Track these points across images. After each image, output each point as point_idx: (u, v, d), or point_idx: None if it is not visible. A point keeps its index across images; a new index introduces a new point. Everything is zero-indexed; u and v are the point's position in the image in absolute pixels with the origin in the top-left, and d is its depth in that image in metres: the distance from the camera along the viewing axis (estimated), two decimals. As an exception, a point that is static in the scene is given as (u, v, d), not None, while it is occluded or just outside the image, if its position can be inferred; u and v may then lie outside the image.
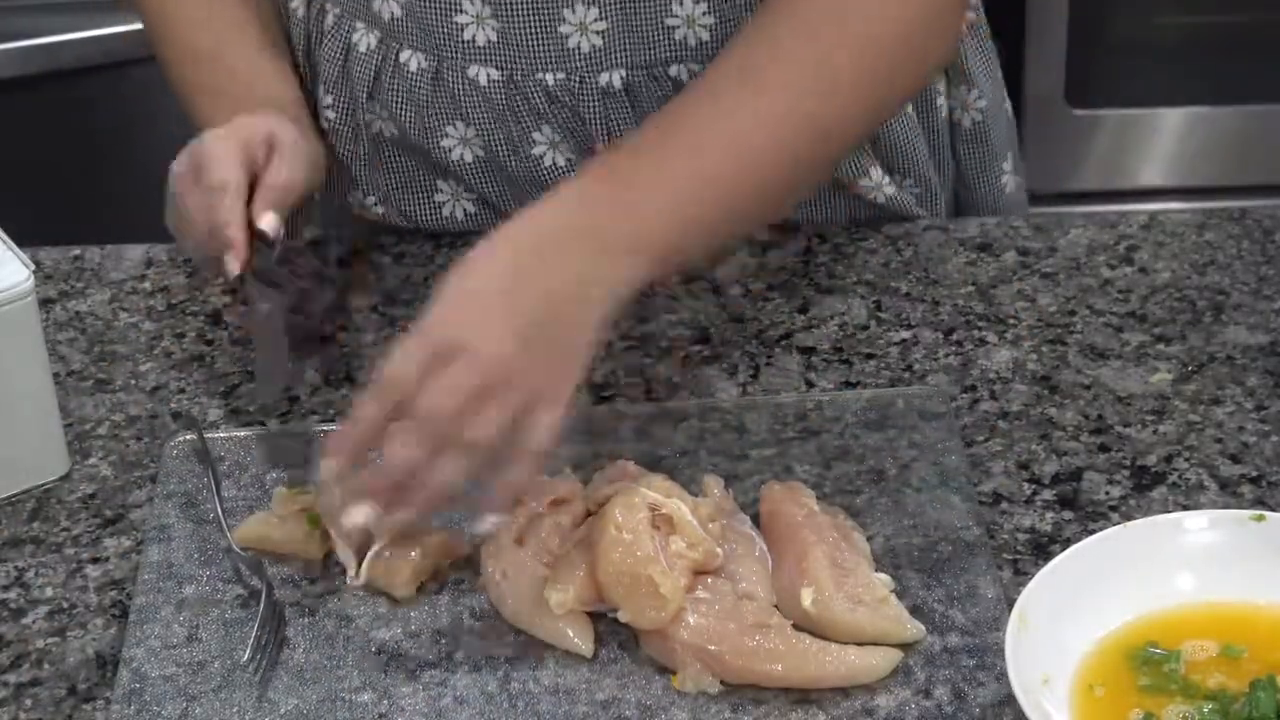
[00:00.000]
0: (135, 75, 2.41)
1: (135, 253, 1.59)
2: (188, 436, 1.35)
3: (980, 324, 1.46)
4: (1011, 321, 1.46)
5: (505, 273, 1.18)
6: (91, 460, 1.36)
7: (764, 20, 1.31)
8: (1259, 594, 1.15)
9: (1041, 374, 1.40)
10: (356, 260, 1.54)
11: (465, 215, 1.55)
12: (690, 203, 1.24)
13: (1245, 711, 1.07)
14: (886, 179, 1.53)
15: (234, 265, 1.32)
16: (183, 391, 1.42)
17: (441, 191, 1.55)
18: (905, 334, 1.45)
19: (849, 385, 1.39)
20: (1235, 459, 1.32)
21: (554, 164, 1.48)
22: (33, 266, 1.30)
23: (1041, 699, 1.07)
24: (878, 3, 1.30)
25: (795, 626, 1.17)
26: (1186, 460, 1.32)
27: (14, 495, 1.33)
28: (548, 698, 1.15)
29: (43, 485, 1.34)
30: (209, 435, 1.35)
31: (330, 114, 1.53)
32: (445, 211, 1.55)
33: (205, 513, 1.29)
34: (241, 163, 1.35)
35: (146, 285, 1.55)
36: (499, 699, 1.15)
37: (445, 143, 1.49)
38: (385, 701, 1.15)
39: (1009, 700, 1.08)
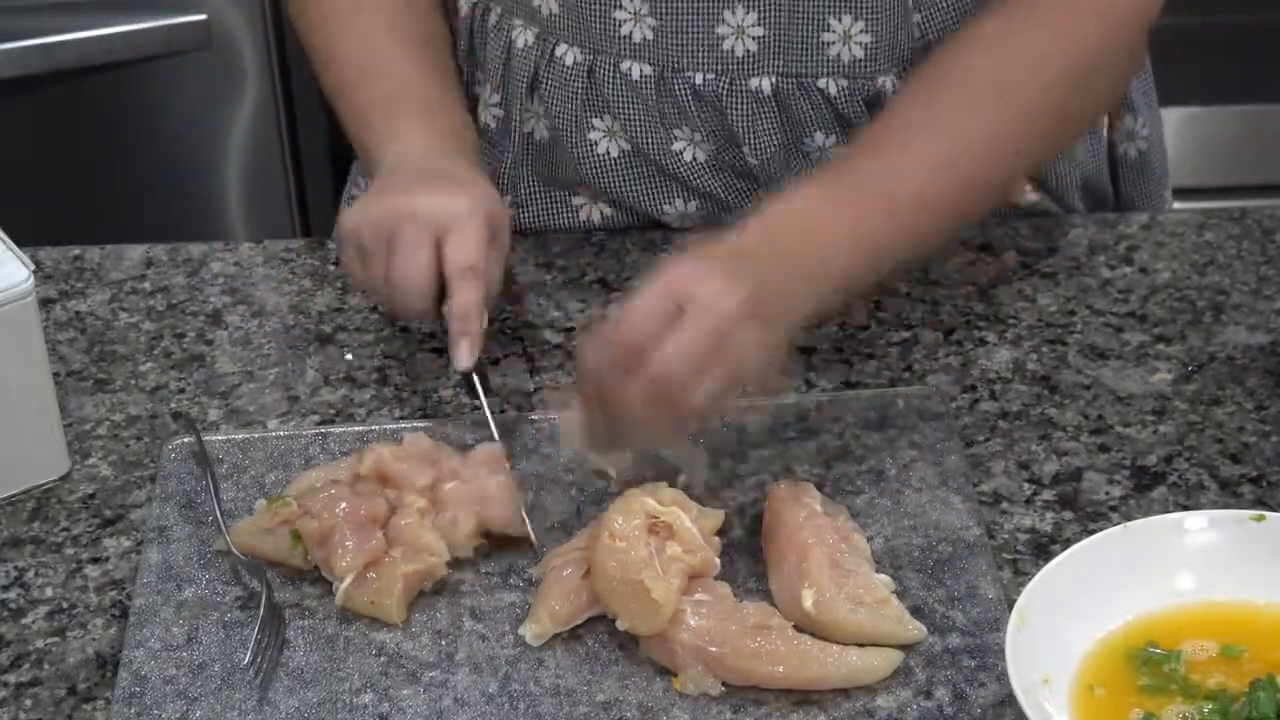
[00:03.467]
0: (136, 75, 2.41)
1: (135, 253, 1.59)
2: (186, 439, 1.35)
3: (980, 324, 1.46)
4: (1011, 321, 1.46)
5: (721, 260, 1.23)
6: (91, 460, 1.36)
7: (955, 50, 1.38)
8: (1259, 594, 1.15)
9: (1041, 374, 1.40)
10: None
11: (601, 218, 1.57)
12: (866, 243, 1.30)
13: (1245, 711, 1.07)
14: (1029, 187, 1.58)
15: (466, 358, 1.33)
16: (183, 391, 1.42)
17: (580, 195, 1.57)
18: (905, 334, 1.45)
19: (849, 385, 1.39)
20: (1235, 459, 1.32)
21: (693, 159, 1.51)
22: (33, 266, 1.30)
23: (1041, 699, 1.07)
24: (1059, 35, 1.36)
25: (796, 628, 1.17)
26: (1186, 460, 1.32)
27: (14, 495, 1.33)
28: (548, 699, 1.15)
29: (43, 485, 1.34)
30: (209, 437, 1.35)
31: (498, 111, 1.55)
32: (582, 215, 1.58)
33: (204, 514, 1.29)
34: (486, 250, 1.36)
35: (146, 285, 1.55)
36: (499, 700, 1.15)
37: (592, 135, 1.51)
38: (385, 703, 1.15)
39: (1009, 700, 1.08)
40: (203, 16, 2.39)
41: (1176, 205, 1.70)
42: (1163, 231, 1.56)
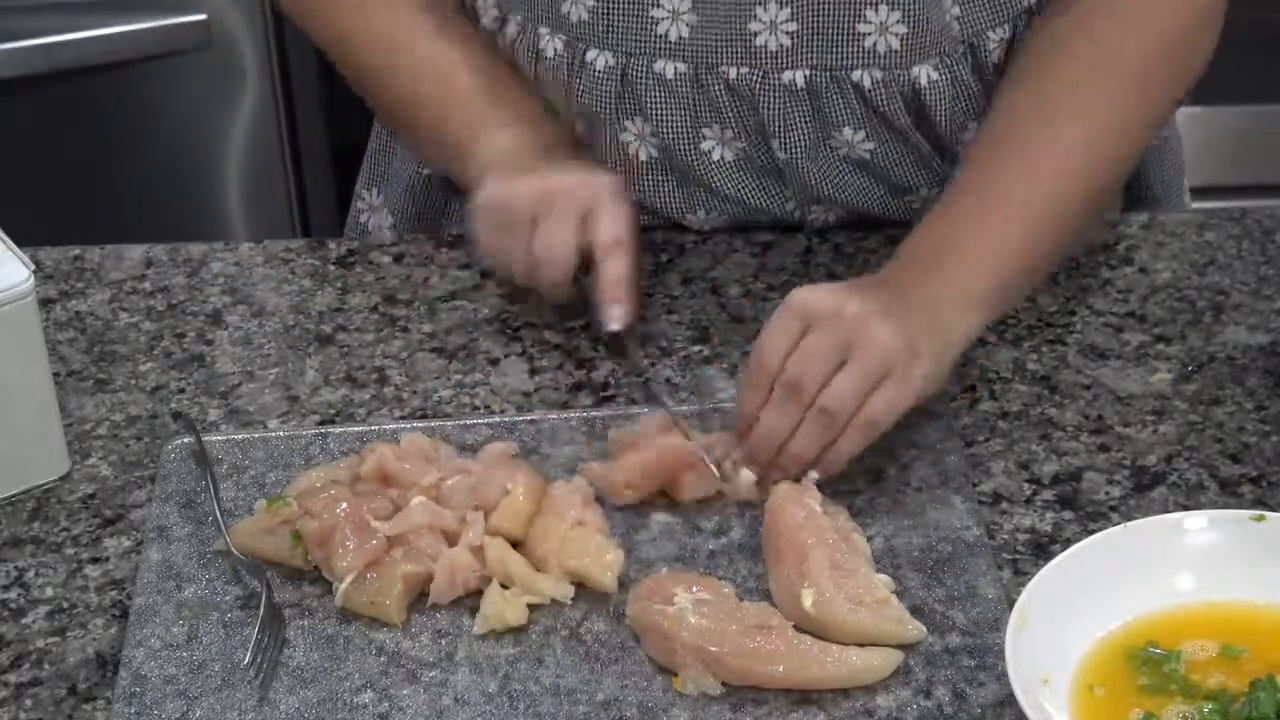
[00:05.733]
0: (136, 75, 2.41)
1: (135, 253, 1.59)
2: (186, 439, 1.35)
3: (980, 324, 1.46)
4: (1011, 321, 1.46)
5: (861, 284, 1.31)
6: (91, 460, 1.36)
7: (1036, 60, 1.41)
8: (1259, 594, 1.15)
9: (1041, 374, 1.40)
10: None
11: None
12: (1005, 253, 1.33)
13: (1245, 711, 1.07)
14: None
15: (618, 321, 1.38)
16: (183, 391, 1.42)
17: None
18: (905, 334, 1.44)
19: (849, 385, 1.39)
20: (1235, 459, 1.32)
21: (721, 159, 1.51)
22: (33, 266, 1.30)
23: (1041, 699, 1.07)
24: (1146, 16, 1.39)
25: (796, 628, 1.17)
26: (1186, 460, 1.32)
27: (14, 495, 1.33)
28: (548, 698, 1.15)
29: (43, 485, 1.34)
30: (209, 437, 1.35)
31: None
32: None
33: (204, 514, 1.29)
34: (631, 225, 1.41)
35: (146, 285, 1.55)
36: (499, 699, 1.15)
37: (624, 138, 1.51)
38: (385, 702, 1.15)
39: (1009, 700, 1.08)
40: (203, 16, 2.39)
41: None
42: (1163, 231, 1.56)
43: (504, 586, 1.21)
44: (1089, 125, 1.37)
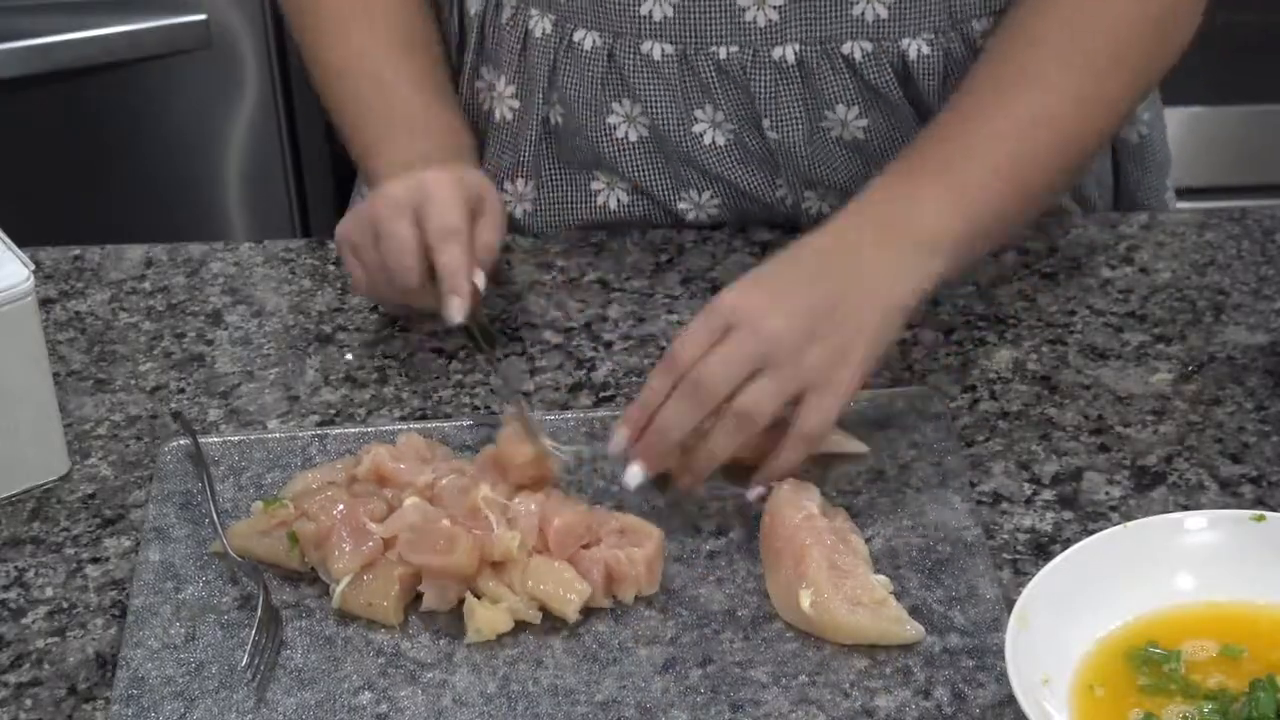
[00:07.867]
0: (135, 75, 2.41)
1: (135, 253, 1.59)
2: (183, 440, 1.35)
3: (980, 324, 1.46)
4: (1011, 321, 1.46)
5: (801, 270, 1.28)
6: (91, 460, 1.36)
7: (1021, 18, 1.40)
8: (1259, 594, 1.15)
9: (1041, 374, 1.40)
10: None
11: (618, 204, 1.57)
12: (975, 200, 1.32)
13: (1245, 711, 1.07)
14: None
15: (458, 313, 1.35)
16: (182, 391, 1.42)
17: (598, 180, 1.57)
18: (905, 334, 1.44)
19: (849, 385, 1.39)
20: (1235, 459, 1.32)
21: (713, 142, 1.51)
22: (33, 266, 1.30)
23: (1041, 699, 1.07)
24: None
25: (796, 629, 1.17)
26: (1186, 460, 1.32)
27: (14, 495, 1.33)
28: (547, 698, 1.15)
29: (43, 485, 1.34)
30: (210, 438, 1.35)
31: (514, 103, 1.55)
32: (599, 200, 1.57)
33: (202, 515, 1.29)
34: (466, 213, 1.38)
35: (146, 285, 1.55)
36: (498, 700, 1.15)
37: (611, 120, 1.52)
38: (384, 703, 1.15)
39: (1009, 700, 1.08)
40: (203, 16, 2.39)
41: (1178, 205, 1.70)
42: (1163, 231, 1.56)
43: (476, 596, 1.20)
44: (1057, 94, 1.37)
